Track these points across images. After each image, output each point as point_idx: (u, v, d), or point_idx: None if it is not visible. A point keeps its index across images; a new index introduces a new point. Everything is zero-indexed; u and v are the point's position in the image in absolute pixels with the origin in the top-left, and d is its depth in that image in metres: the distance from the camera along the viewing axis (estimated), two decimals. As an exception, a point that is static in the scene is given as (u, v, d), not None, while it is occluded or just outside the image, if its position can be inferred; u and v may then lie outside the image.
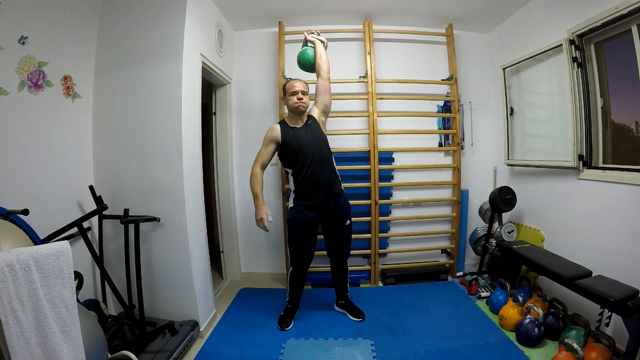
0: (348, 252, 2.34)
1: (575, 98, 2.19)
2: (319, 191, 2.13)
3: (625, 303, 1.54)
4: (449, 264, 3.15)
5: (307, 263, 2.27)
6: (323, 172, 2.14)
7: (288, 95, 2.17)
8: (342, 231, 2.26)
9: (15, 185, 1.64)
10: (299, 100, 2.14)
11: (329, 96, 2.25)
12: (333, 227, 2.23)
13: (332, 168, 2.21)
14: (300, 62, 2.29)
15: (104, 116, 2.20)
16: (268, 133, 2.19)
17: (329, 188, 2.16)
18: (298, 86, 2.16)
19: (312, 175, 2.12)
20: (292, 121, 2.21)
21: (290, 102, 2.16)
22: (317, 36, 2.27)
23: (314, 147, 2.13)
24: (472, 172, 3.21)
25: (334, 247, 2.29)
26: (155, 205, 2.12)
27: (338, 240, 2.27)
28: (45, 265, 1.16)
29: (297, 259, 2.24)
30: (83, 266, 1.99)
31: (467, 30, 3.18)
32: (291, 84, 2.19)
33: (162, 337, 1.97)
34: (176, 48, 2.08)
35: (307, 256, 2.24)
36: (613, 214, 1.96)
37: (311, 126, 2.19)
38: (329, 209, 2.17)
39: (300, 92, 2.15)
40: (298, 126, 2.19)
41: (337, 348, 2.02)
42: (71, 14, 1.99)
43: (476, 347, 1.99)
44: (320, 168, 2.14)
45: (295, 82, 2.19)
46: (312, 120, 2.22)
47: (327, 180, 2.16)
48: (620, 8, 1.81)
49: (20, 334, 1.07)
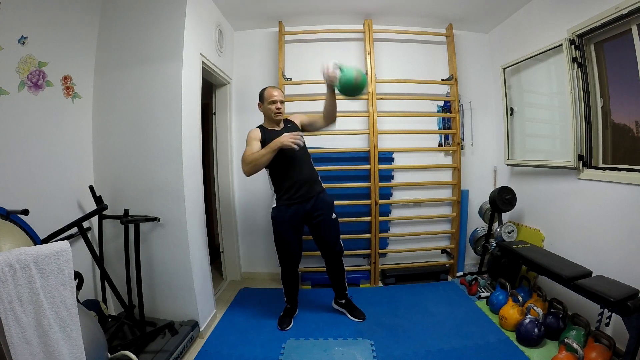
0: (341, 249, 2.33)
1: (575, 98, 2.19)
2: (300, 190, 2.14)
3: (625, 303, 1.54)
4: (449, 264, 3.15)
5: (296, 261, 2.26)
6: (303, 171, 2.17)
7: (267, 104, 2.19)
8: (330, 225, 2.24)
9: (15, 185, 1.64)
10: (278, 110, 2.18)
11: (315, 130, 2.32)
12: (319, 223, 2.21)
13: (311, 168, 2.24)
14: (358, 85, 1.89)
15: (104, 116, 2.20)
16: (250, 134, 2.18)
17: (310, 187, 2.17)
18: (277, 95, 2.18)
19: (293, 175, 2.13)
20: (270, 125, 2.25)
21: (269, 111, 2.19)
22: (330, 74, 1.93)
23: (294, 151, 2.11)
24: (472, 172, 3.21)
25: (326, 244, 2.27)
26: (155, 205, 2.12)
27: (327, 235, 2.25)
28: (45, 265, 1.16)
29: (284, 257, 2.24)
30: (83, 266, 1.99)
31: (467, 30, 3.18)
32: (269, 92, 2.19)
33: (162, 337, 1.97)
34: (176, 48, 2.08)
35: (294, 254, 2.24)
36: (613, 214, 1.96)
37: (290, 129, 2.20)
38: (311, 205, 2.18)
39: (279, 101, 2.18)
40: (277, 129, 2.22)
41: (337, 348, 2.02)
42: (71, 14, 1.99)
43: (476, 347, 1.99)
44: (301, 168, 2.16)
45: (273, 90, 2.20)
46: (291, 124, 2.27)
47: (308, 179, 2.18)
48: (620, 8, 1.81)
49: (21, 333, 1.07)
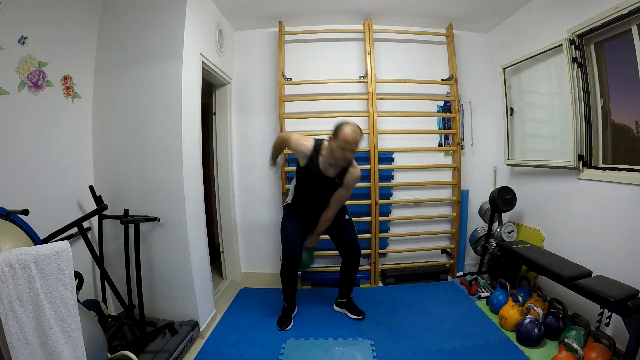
0: (358, 246, 2.34)
1: (575, 98, 2.19)
2: (313, 211, 2.25)
3: (625, 303, 1.54)
4: (449, 264, 3.15)
5: (297, 256, 2.25)
6: (319, 207, 2.22)
7: (337, 144, 1.95)
8: (344, 226, 2.31)
9: (15, 185, 1.64)
10: (345, 158, 1.99)
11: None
12: (333, 225, 2.27)
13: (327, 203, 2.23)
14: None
15: (104, 116, 2.20)
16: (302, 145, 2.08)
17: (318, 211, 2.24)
18: (352, 146, 1.95)
19: (309, 205, 2.25)
20: (326, 161, 2.06)
21: (336, 152, 1.97)
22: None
23: (324, 193, 2.17)
24: (472, 172, 3.21)
25: (345, 244, 2.33)
26: (155, 205, 2.12)
27: (343, 236, 2.32)
28: (45, 265, 1.16)
29: (287, 248, 2.24)
30: (83, 266, 1.99)
31: (467, 30, 3.18)
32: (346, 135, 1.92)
33: (162, 337, 1.97)
34: (176, 48, 2.08)
35: (297, 247, 2.24)
36: (613, 214, 1.96)
37: (333, 183, 2.12)
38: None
39: (350, 151, 1.97)
40: (328, 174, 2.09)
41: (337, 348, 2.02)
42: (71, 14, 1.99)
43: (476, 347, 1.99)
44: (318, 205, 2.22)
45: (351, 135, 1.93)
46: (340, 179, 2.11)
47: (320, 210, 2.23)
48: (620, 8, 1.81)
49: (21, 334, 1.07)
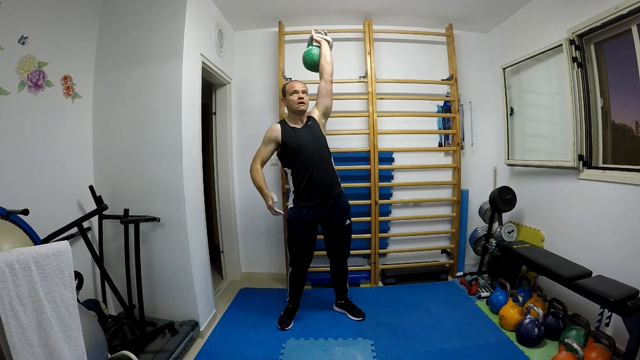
0: (348, 252, 2.35)
1: (575, 98, 2.19)
2: (318, 192, 2.14)
3: (625, 303, 1.54)
4: (449, 264, 3.15)
5: (307, 263, 2.27)
6: (322, 172, 2.15)
7: (288, 95, 2.18)
8: (342, 231, 2.27)
9: (15, 185, 1.64)
10: (300, 99, 2.15)
11: (330, 99, 2.26)
12: (333, 228, 2.23)
13: (331, 169, 2.22)
14: (306, 61, 2.30)
15: (104, 116, 2.19)
16: (268, 133, 2.20)
17: (328, 188, 2.16)
18: (299, 86, 2.18)
19: (312, 176, 2.12)
20: (292, 121, 2.22)
21: (291, 102, 2.16)
22: (323, 36, 2.27)
23: (314, 147, 2.14)
24: (472, 172, 3.21)
25: (334, 247, 2.30)
26: (155, 205, 2.12)
27: (338, 240, 2.28)
28: (46, 265, 1.16)
29: (296, 259, 2.24)
30: (83, 266, 1.99)
31: (467, 30, 3.18)
32: (291, 84, 2.21)
33: (162, 337, 1.97)
34: (176, 48, 2.08)
35: (306, 256, 2.24)
36: (613, 214, 1.96)
37: (311, 127, 2.20)
38: (328, 209, 2.18)
39: (300, 91, 2.16)
40: (298, 126, 2.20)
41: (337, 348, 2.02)
42: (71, 14, 1.99)
43: (476, 347, 1.99)
44: (320, 169, 2.14)
45: (295, 82, 2.22)
46: (312, 121, 2.23)
47: (327, 180, 2.16)
48: (620, 8, 1.81)
49: (21, 334, 1.07)
